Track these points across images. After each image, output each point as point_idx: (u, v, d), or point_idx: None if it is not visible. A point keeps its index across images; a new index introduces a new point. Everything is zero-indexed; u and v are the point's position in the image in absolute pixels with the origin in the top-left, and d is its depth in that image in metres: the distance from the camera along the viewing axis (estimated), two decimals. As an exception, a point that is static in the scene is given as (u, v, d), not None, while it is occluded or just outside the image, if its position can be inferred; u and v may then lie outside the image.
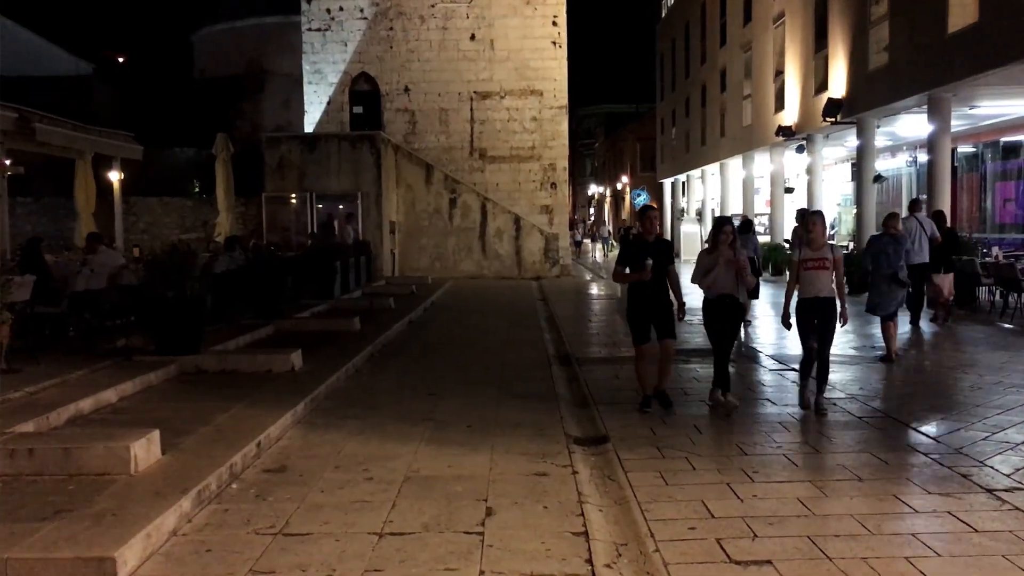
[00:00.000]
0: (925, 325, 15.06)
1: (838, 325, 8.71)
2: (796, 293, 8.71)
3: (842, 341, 12.29)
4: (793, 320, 8.72)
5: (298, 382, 9.92)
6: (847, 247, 24.72)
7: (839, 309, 8.63)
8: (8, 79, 32.34)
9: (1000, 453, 7.04)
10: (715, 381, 8.91)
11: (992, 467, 6.66)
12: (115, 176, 20.62)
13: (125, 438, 6.37)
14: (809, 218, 8.73)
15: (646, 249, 8.56)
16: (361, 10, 31.43)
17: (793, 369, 11.11)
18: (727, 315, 8.72)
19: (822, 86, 22.96)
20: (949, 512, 5.70)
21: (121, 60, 45.11)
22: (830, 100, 21.50)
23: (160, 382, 9.91)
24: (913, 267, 13.61)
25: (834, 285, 8.62)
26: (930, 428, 7.99)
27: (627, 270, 8.66)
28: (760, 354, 12.76)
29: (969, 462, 6.81)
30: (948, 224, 16.31)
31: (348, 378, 10.92)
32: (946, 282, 15.04)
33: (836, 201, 31.20)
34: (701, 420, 8.47)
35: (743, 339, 14.28)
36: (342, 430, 8.10)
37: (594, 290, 26.24)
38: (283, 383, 9.89)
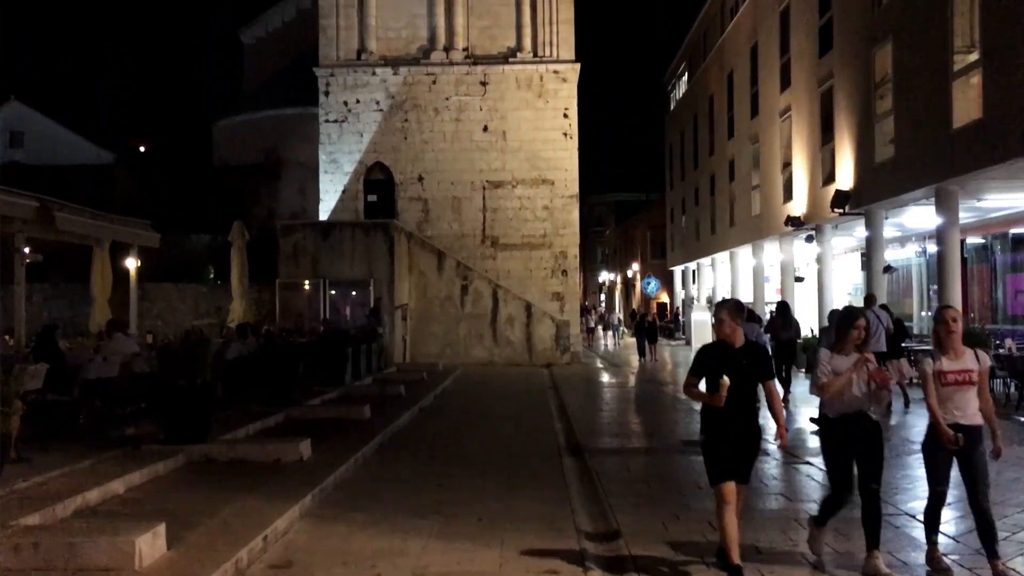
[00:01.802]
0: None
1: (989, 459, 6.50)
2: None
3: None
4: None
5: (307, 472, 9.85)
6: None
7: (991, 436, 6.47)
8: (32, 168, 33.15)
9: (1021, 555, 6.89)
10: (821, 517, 6.81)
11: (1014, 569, 6.50)
12: (132, 263, 20.86)
13: (130, 532, 6.32)
14: (945, 312, 6.55)
15: (731, 359, 6.28)
16: (377, 102, 32.21)
17: (807, 462, 10.97)
18: (861, 440, 6.50)
19: (829, 177, 23.23)
20: (969, 617, 5.55)
21: (143, 149, 46.18)
22: (838, 191, 21.72)
23: (168, 472, 9.85)
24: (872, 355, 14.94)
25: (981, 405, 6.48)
26: (948, 527, 7.83)
27: (702, 384, 6.46)
28: (769, 443, 12.61)
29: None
30: (895, 315, 17.85)
31: (357, 468, 10.84)
32: (904, 366, 15.90)
33: (847, 291, 31.19)
34: (715, 516, 8.32)
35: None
36: (350, 523, 8.01)
37: (605, 378, 26.15)
38: (292, 473, 9.82)
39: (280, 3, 45.37)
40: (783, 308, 18.91)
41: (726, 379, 6.14)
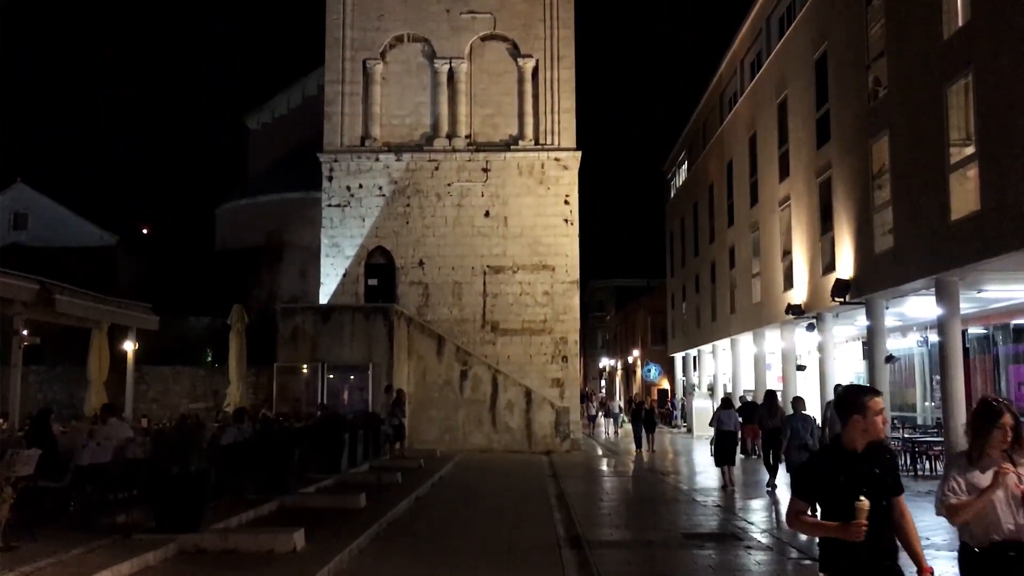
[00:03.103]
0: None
1: None
2: None
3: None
4: None
5: (300, 563, 9.62)
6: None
7: None
8: (35, 249, 33.37)
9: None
10: None
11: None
12: (129, 346, 20.82)
13: (116, 628, 6.11)
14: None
15: (858, 469, 4.58)
16: (380, 188, 32.58)
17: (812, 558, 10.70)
18: None
19: (829, 266, 23.31)
20: None
21: (146, 231, 46.59)
22: (838, 281, 21.76)
23: (158, 562, 9.61)
24: None
25: None
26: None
27: (812, 508, 4.72)
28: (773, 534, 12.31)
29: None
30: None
31: (352, 559, 10.58)
32: None
33: (850, 379, 31.04)
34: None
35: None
36: (343, 620, 7.77)
37: (605, 467, 25.81)
38: (284, 565, 9.59)
39: (286, 90, 46.36)
40: (769, 396, 19.84)
41: (865, 501, 4.40)
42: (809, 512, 4.68)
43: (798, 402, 16.37)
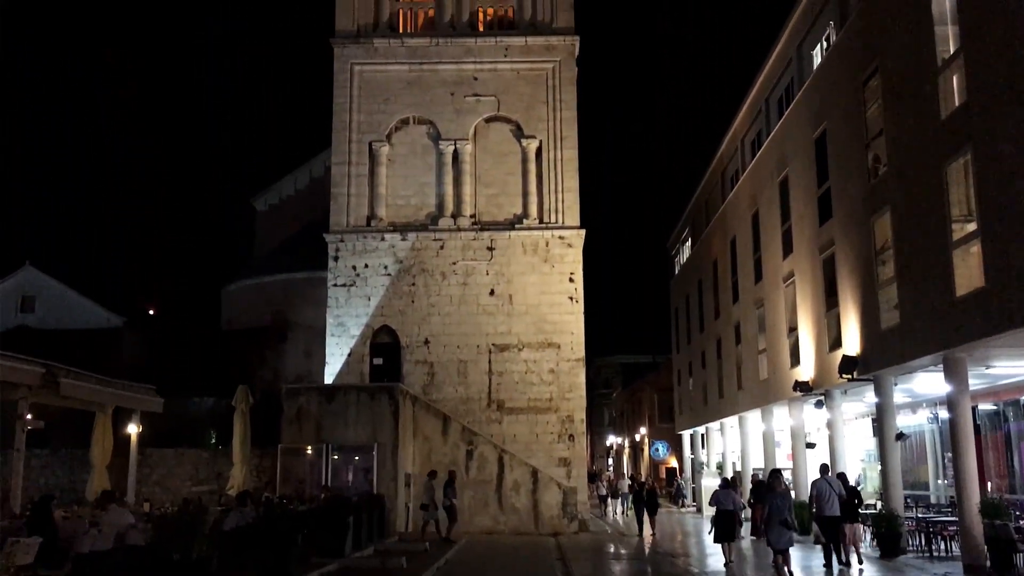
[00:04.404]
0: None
1: None
2: None
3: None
4: None
5: (302, 656, 9.37)
6: (874, 505, 23.97)
7: None
8: (41, 332, 33.48)
9: None
10: None
11: None
12: (133, 429, 20.71)
13: None
14: None
15: None
16: (385, 267, 32.79)
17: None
18: None
19: (836, 342, 23.23)
20: None
21: (151, 312, 46.75)
22: (845, 357, 21.66)
23: (157, 655, 9.38)
24: (827, 519, 17.63)
25: None
26: None
27: None
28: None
29: None
30: (853, 483, 20.60)
31: (355, 651, 10.32)
32: (857, 529, 18.52)
33: (860, 457, 30.63)
34: None
35: None
36: None
37: (614, 549, 25.33)
38: (286, 657, 9.33)
39: (293, 172, 47.00)
40: (775, 474, 19.83)
41: None
42: None
43: (776, 481, 16.50)
